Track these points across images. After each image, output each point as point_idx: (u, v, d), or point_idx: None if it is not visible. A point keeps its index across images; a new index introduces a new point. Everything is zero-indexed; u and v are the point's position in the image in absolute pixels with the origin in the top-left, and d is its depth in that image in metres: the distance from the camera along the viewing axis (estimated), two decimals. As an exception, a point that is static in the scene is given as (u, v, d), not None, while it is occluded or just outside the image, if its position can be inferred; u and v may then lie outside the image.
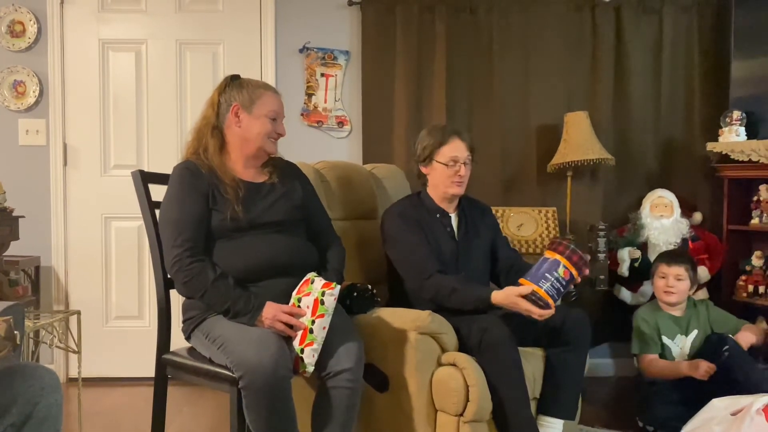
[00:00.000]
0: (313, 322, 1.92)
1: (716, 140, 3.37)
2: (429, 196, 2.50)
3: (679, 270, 2.81)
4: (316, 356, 1.93)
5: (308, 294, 1.97)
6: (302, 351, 1.92)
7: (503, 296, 2.17)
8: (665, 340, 2.83)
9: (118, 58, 3.61)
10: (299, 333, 1.94)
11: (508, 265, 2.50)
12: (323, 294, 1.93)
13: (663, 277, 2.85)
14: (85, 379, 2.68)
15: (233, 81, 2.17)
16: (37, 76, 3.55)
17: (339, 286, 1.98)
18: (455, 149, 2.42)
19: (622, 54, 3.61)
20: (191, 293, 2.02)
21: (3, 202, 2.90)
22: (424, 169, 2.47)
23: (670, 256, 2.91)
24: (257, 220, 2.07)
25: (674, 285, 2.82)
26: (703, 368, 2.60)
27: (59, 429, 1.48)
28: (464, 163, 2.42)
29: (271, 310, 1.95)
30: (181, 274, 1.98)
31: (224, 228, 2.04)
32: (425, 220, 2.43)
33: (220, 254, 2.04)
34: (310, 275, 2.04)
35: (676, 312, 2.87)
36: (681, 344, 2.83)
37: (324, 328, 1.93)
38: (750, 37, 3.35)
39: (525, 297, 2.12)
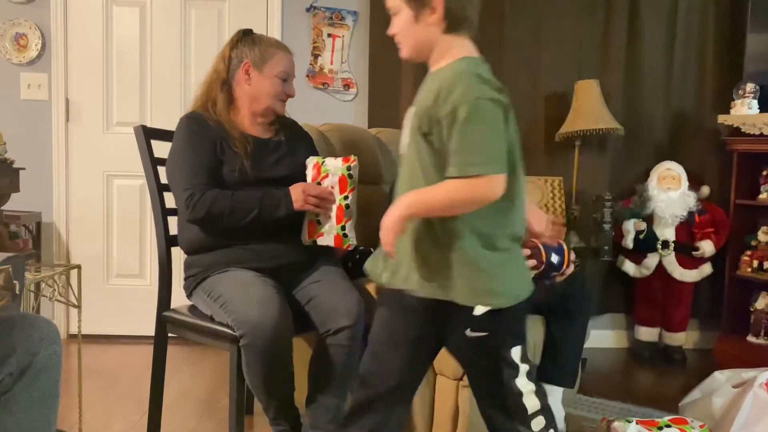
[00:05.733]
0: (346, 197, 1.97)
1: (728, 113, 3.32)
2: None
3: None
4: (353, 229, 1.99)
5: (326, 176, 2.00)
6: (343, 228, 1.98)
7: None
8: None
9: (122, 13, 3.54)
10: (333, 213, 1.97)
11: None
12: (349, 168, 1.98)
13: None
14: (85, 336, 2.68)
15: (246, 36, 2.12)
16: (40, 30, 3.48)
17: (356, 157, 2.01)
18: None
19: (636, 22, 3.53)
20: (216, 219, 1.94)
21: (3, 153, 2.87)
22: None
23: None
24: (264, 175, 2.04)
25: None
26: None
27: (58, 379, 1.47)
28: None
29: (298, 191, 1.97)
30: (199, 206, 1.93)
31: (231, 181, 2.01)
32: None
33: None
34: (316, 159, 2.06)
35: None
36: None
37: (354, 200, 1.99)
38: (767, 11, 3.27)
39: None
